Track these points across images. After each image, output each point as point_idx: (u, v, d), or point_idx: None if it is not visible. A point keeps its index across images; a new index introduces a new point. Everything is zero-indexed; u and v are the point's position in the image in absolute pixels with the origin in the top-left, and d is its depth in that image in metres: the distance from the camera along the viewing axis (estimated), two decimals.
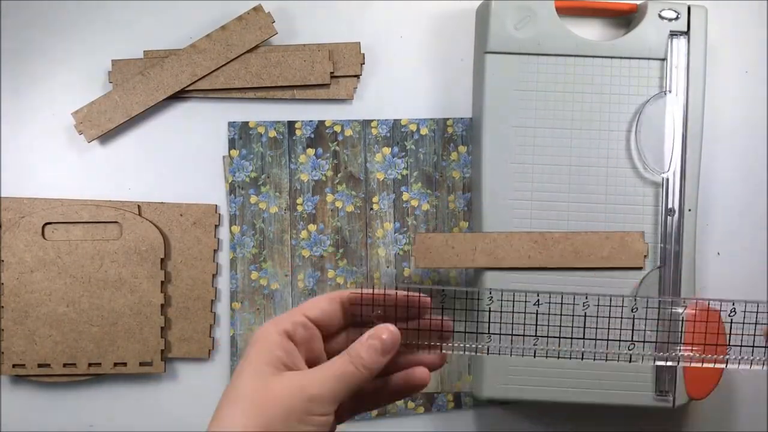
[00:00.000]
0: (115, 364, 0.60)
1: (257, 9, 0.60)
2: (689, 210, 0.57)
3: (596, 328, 0.47)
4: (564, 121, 0.57)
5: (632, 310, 0.46)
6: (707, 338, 0.45)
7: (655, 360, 0.46)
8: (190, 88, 0.61)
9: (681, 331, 0.47)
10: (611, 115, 0.57)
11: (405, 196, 0.62)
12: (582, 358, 0.45)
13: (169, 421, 0.61)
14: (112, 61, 0.61)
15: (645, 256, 0.54)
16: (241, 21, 0.60)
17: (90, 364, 0.60)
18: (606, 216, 0.57)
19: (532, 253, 0.55)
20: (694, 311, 0.49)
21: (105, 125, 0.60)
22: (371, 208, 0.62)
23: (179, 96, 0.61)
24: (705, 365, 0.45)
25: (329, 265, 0.61)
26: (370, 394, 0.42)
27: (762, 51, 0.63)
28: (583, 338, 0.46)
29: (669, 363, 0.46)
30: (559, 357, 0.45)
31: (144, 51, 0.61)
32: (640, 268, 0.55)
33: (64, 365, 0.59)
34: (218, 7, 0.61)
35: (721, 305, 0.44)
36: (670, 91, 0.57)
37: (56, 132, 0.61)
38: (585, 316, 0.46)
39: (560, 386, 0.57)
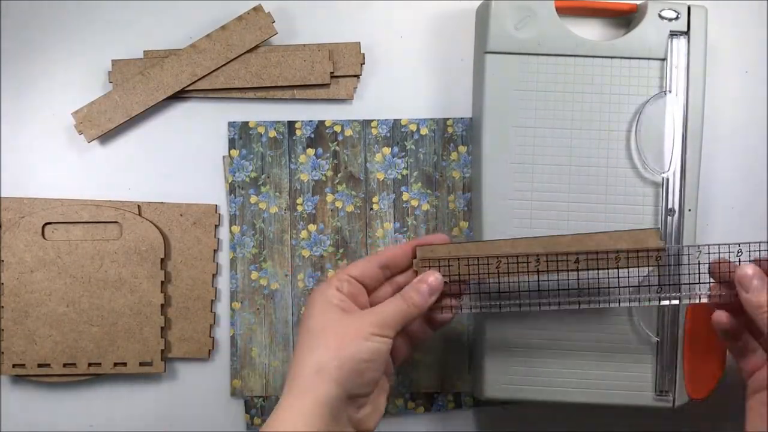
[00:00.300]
0: (115, 364, 0.60)
1: (257, 9, 0.60)
2: (689, 210, 0.57)
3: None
4: (564, 121, 0.57)
5: (657, 259, 0.50)
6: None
7: (660, 300, 0.52)
8: (190, 88, 0.61)
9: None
10: (611, 115, 0.57)
11: (405, 196, 0.62)
12: (579, 306, 0.52)
13: (169, 421, 0.61)
14: (112, 61, 0.61)
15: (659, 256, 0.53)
16: (241, 21, 0.60)
17: (90, 364, 0.60)
18: (606, 216, 0.57)
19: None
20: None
21: (105, 125, 0.60)
22: (371, 208, 0.62)
23: (179, 96, 0.61)
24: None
25: (329, 265, 0.61)
26: (417, 333, 0.52)
27: (762, 51, 0.63)
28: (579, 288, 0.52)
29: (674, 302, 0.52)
30: (559, 307, 0.52)
31: (144, 51, 0.61)
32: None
33: (64, 365, 0.59)
34: (218, 7, 0.61)
35: (729, 247, 0.50)
36: (670, 91, 0.57)
37: (56, 132, 0.61)
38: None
39: (560, 386, 0.57)
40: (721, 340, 0.51)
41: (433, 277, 0.49)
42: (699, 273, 0.51)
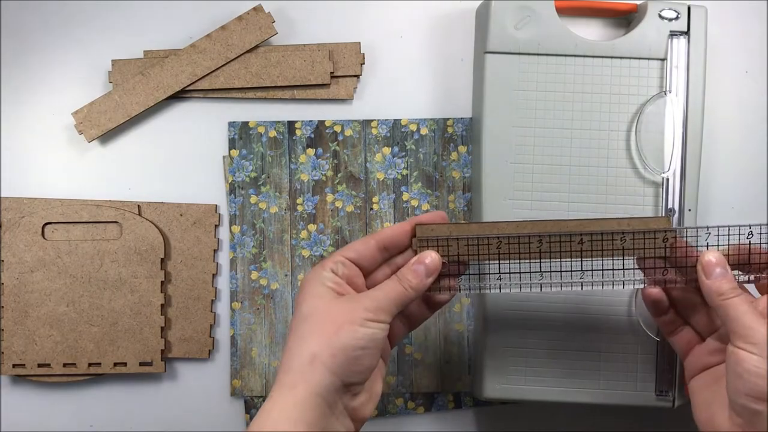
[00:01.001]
0: (115, 364, 0.60)
1: (257, 9, 0.60)
2: (689, 210, 0.57)
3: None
4: (564, 121, 0.57)
5: (664, 241, 0.48)
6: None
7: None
8: (190, 88, 0.61)
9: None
10: (611, 115, 0.57)
11: (405, 196, 0.62)
12: (582, 287, 0.49)
13: (169, 421, 0.61)
14: (112, 61, 0.61)
15: (666, 237, 0.51)
16: (241, 21, 0.60)
17: (90, 364, 0.60)
18: (606, 216, 0.57)
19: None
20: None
21: (105, 125, 0.60)
22: (371, 208, 0.62)
23: (179, 96, 0.61)
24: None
25: None
26: (415, 314, 0.50)
27: (762, 51, 0.63)
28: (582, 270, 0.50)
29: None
30: (561, 288, 0.49)
31: (144, 51, 0.61)
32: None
33: (64, 365, 0.59)
34: (218, 7, 0.61)
35: (740, 229, 0.48)
36: (670, 91, 0.57)
37: (56, 132, 0.61)
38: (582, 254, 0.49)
39: (560, 386, 0.57)
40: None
41: (430, 258, 0.47)
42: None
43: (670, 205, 0.57)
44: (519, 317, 0.57)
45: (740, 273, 0.48)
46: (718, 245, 0.48)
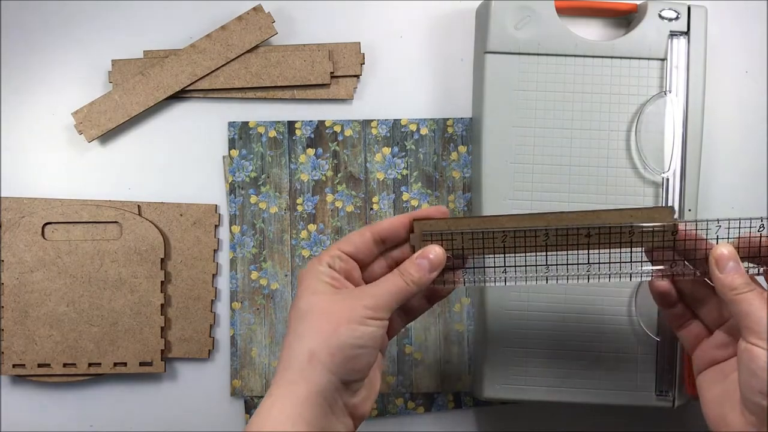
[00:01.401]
0: (115, 364, 0.60)
1: (257, 9, 0.61)
2: (689, 210, 0.57)
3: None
4: (564, 121, 0.57)
5: (672, 234, 0.47)
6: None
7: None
8: (190, 88, 0.61)
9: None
10: (611, 115, 0.57)
11: (405, 196, 0.62)
12: (588, 280, 0.48)
13: (169, 421, 0.61)
14: (112, 61, 0.61)
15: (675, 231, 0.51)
16: (241, 21, 0.60)
17: (90, 364, 0.60)
18: None
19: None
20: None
21: (105, 125, 0.60)
22: (371, 208, 0.62)
23: (179, 96, 0.61)
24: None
25: None
26: (414, 307, 0.49)
27: (762, 51, 0.63)
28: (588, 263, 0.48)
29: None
30: (567, 281, 0.48)
31: (144, 51, 0.61)
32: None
33: (64, 365, 0.59)
34: (218, 7, 0.61)
35: (750, 222, 0.47)
36: (670, 91, 0.57)
37: (56, 132, 0.61)
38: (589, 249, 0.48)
39: (560, 386, 0.57)
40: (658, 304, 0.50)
41: (434, 253, 0.46)
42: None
43: (670, 205, 0.57)
44: (519, 317, 0.57)
45: (750, 265, 0.47)
46: (728, 238, 0.47)
